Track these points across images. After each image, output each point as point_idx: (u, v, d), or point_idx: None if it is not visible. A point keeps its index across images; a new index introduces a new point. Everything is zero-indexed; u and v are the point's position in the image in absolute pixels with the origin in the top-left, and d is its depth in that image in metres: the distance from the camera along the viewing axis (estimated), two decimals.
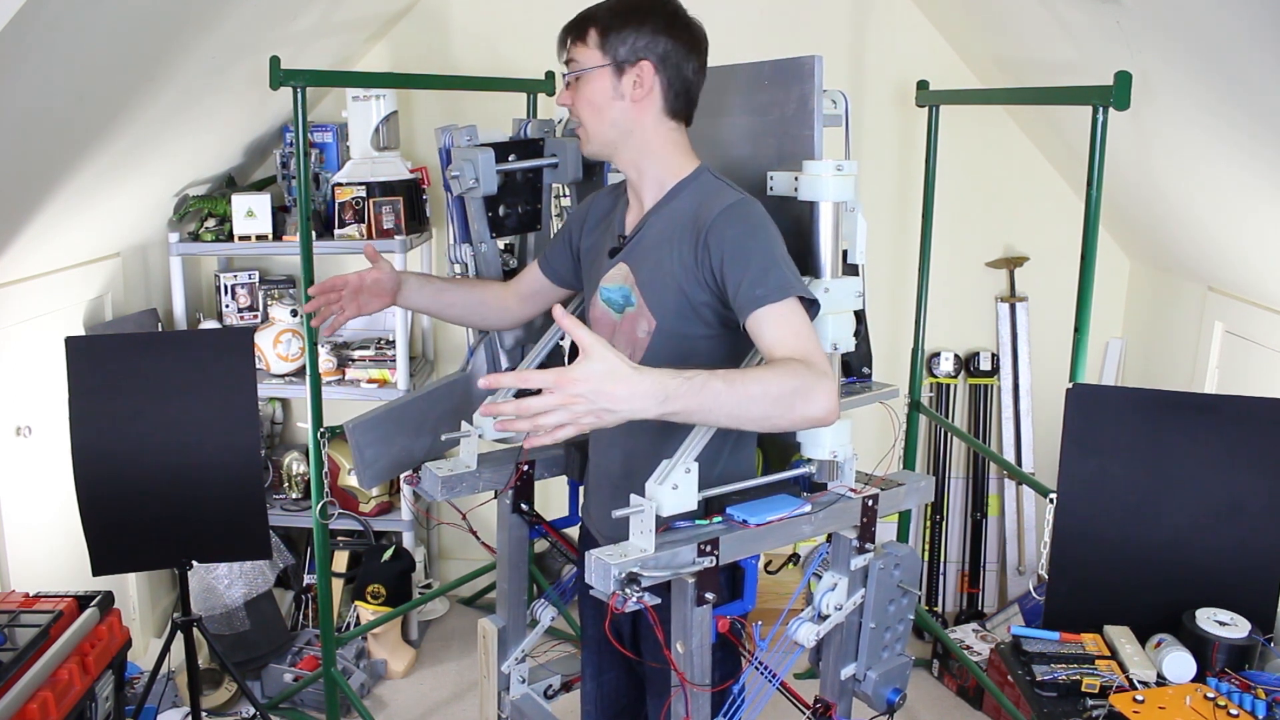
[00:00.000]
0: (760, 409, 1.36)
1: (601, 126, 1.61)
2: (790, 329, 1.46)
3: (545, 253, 1.91)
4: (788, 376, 1.38)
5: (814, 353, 1.44)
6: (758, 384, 1.36)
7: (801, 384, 1.38)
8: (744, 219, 1.53)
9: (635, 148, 1.62)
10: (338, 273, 1.91)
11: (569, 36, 1.62)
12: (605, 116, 1.60)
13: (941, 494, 3.58)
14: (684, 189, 1.63)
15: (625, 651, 1.79)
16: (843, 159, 1.61)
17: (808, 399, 1.38)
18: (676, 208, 1.62)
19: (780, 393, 1.37)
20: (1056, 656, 1.74)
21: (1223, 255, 2.62)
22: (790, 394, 1.37)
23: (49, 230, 2.51)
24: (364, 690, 3.14)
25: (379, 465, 1.97)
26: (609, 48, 1.58)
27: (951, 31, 3.29)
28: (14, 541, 2.54)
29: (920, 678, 3.26)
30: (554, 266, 1.88)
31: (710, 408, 1.33)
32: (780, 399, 1.37)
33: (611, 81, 1.58)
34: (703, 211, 1.56)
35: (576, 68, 1.60)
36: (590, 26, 1.59)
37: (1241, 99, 1.95)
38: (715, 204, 1.56)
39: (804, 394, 1.38)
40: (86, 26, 1.93)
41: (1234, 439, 1.83)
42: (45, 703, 1.80)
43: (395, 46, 3.46)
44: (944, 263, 3.30)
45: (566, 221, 1.90)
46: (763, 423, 1.40)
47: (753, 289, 1.47)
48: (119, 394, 2.28)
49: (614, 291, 1.68)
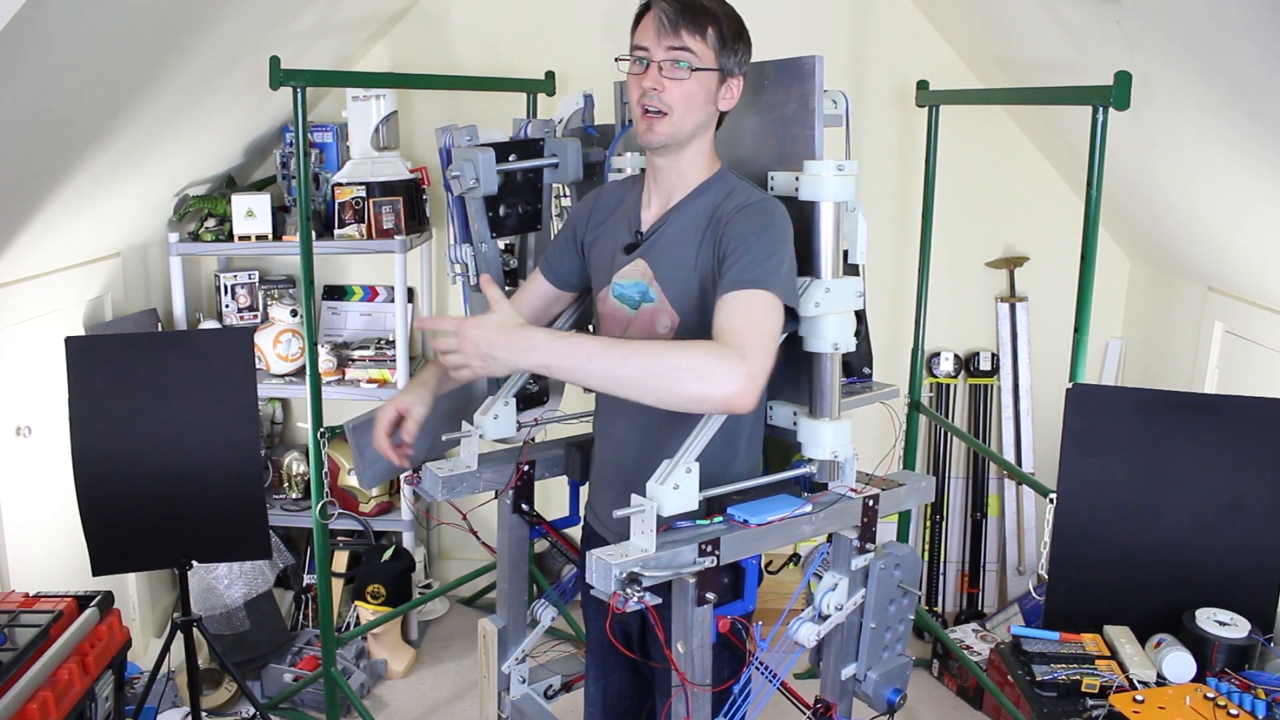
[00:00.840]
0: (640, 377, 1.38)
1: (688, 122, 1.60)
2: (742, 314, 1.45)
3: (546, 258, 1.88)
4: (684, 353, 1.38)
5: (746, 341, 1.40)
6: (646, 353, 1.39)
7: (698, 362, 1.36)
8: (761, 214, 1.55)
9: (695, 146, 1.64)
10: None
11: (685, 26, 1.56)
12: (697, 114, 1.60)
13: (941, 494, 3.58)
14: (708, 188, 1.65)
15: (628, 653, 1.79)
16: (843, 159, 1.61)
17: (702, 378, 1.36)
18: (698, 205, 1.64)
19: (667, 366, 1.37)
20: (1056, 656, 1.74)
21: (1223, 255, 2.62)
22: (680, 369, 1.36)
23: (49, 230, 2.51)
24: (364, 690, 3.14)
25: (379, 465, 1.97)
26: (724, 54, 1.59)
27: (951, 31, 3.29)
28: (14, 541, 2.54)
29: (920, 678, 3.26)
30: (557, 270, 1.86)
31: (582, 368, 1.40)
32: (666, 372, 1.37)
33: (715, 85, 1.60)
34: (724, 206, 1.59)
35: (693, 61, 1.57)
36: (710, 26, 1.57)
37: (1241, 99, 1.95)
38: (737, 200, 1.58)
39: (698, 372, 1.36)
40: (86, 26, 1.93)
41: (1234, 439, 1.83)
42: (45, 703, 1.80)
43: (395, 46, 3.46)
44: (944, 263, 3.31)
45: (569, 221, 1.89)
46: (646, 392, 1.39)
47: (739, 274, 1.48)
48: (119, 394, 2.28)
49: (629, 287, 1.68)
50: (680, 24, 1.56)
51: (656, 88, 1.57)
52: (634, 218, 1.72)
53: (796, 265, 1.56)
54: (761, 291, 1.46)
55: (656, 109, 1.57)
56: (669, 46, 1.56)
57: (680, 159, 1.64)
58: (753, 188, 1.64)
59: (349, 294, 3.58)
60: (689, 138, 1.62)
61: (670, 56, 1.56)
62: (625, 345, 1.43)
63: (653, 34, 1.57)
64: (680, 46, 1.56)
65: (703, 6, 1.58)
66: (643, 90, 1.58)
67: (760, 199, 1.58)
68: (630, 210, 1.74)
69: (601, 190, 1.86)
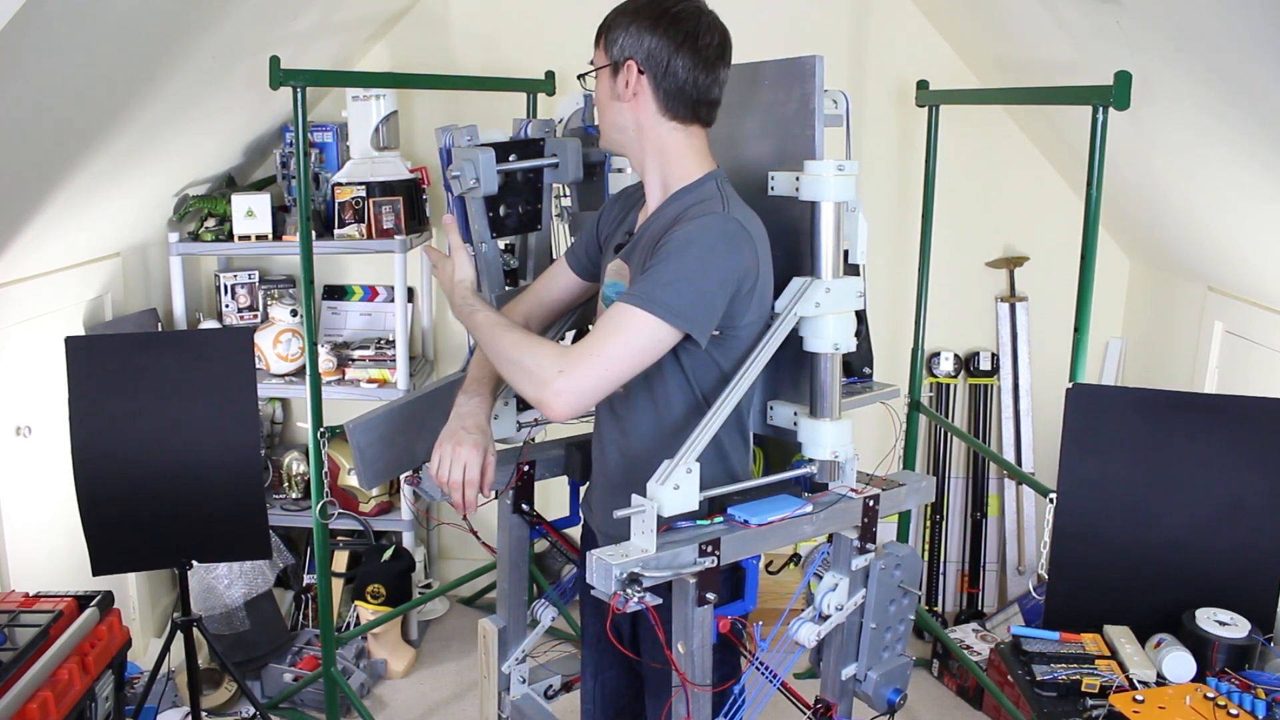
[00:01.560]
0: (498, 362, 1.55)
1: (605, 126, 1.64)
2: (600, 327, 1.49)
3: (572, 248, 1.89)
4: (526, 352, 1.50)
5: (580, 354, 1.45)
6: (503, 341, 1.54)
7: (534, 366, 1.47)
8: (692, 232, 1.49)
9: (640, 148, 1.62)
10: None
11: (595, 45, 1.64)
12: (607, 117, 1.62)
13: (941, 494, 3.58)
14: (685, 194, 1.60)
15: (625, 651, 1.79)
16: (843, 159, 1.61)
17: (532, 380, 1.47)
18: (668, 211, 1.61)
19: (512, 359, 1.51)
20: (1056, 656, 1.74)
21: (1223, 255, 2.62)
22: (516, 364, 1.50)
23: (49, 230, 2.51)
24: (364, 690, 3.14)
25: (379, 465, 1.97)
26: (608, 48, 1.59)
27: (951, 31, 3.29)
28: (14, 541, 2.54)
29: (920, 678, 3.26)
30: (581, 261, 1.85)
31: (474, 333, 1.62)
32: (510, 364, 1.51)
33: (609, 82, 1.60)
34: (681, 217, 1.55)
35: (590, 68, 1.63)
36: (602, 27, 1.61)
37: (1242, 99, 1.95)
38: (693, 213, 1.54)
39: (530, 375, 1.47)
40: (87, 26, 1.93)
41: (1234, 439, 1.83)
42: (45, 703, 1.80)
43: (395, 46, 3.46)
44: (944, 263, 3.31)
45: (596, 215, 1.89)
46: (505, 377, 1.56)
47: (633, 287, 1.51)
48: (119, 394, 2.28)
49: (611, 287, 1.70)
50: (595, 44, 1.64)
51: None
52: (632, 218, 1.73)
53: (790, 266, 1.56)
54: (636, 310, 1.45)
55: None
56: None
57: (644, 162, 1.64)
58: (719, 199, 1.56)
59: (349, 294, 3.58)
60: (626, 139, 1.63)
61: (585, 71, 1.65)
62: (497, 330, 1.56)
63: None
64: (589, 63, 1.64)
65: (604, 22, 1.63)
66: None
67: (703, 217, 1.51)
68: (634, 212, 1.74)
69: (624, 191, 1.88)
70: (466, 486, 1.64)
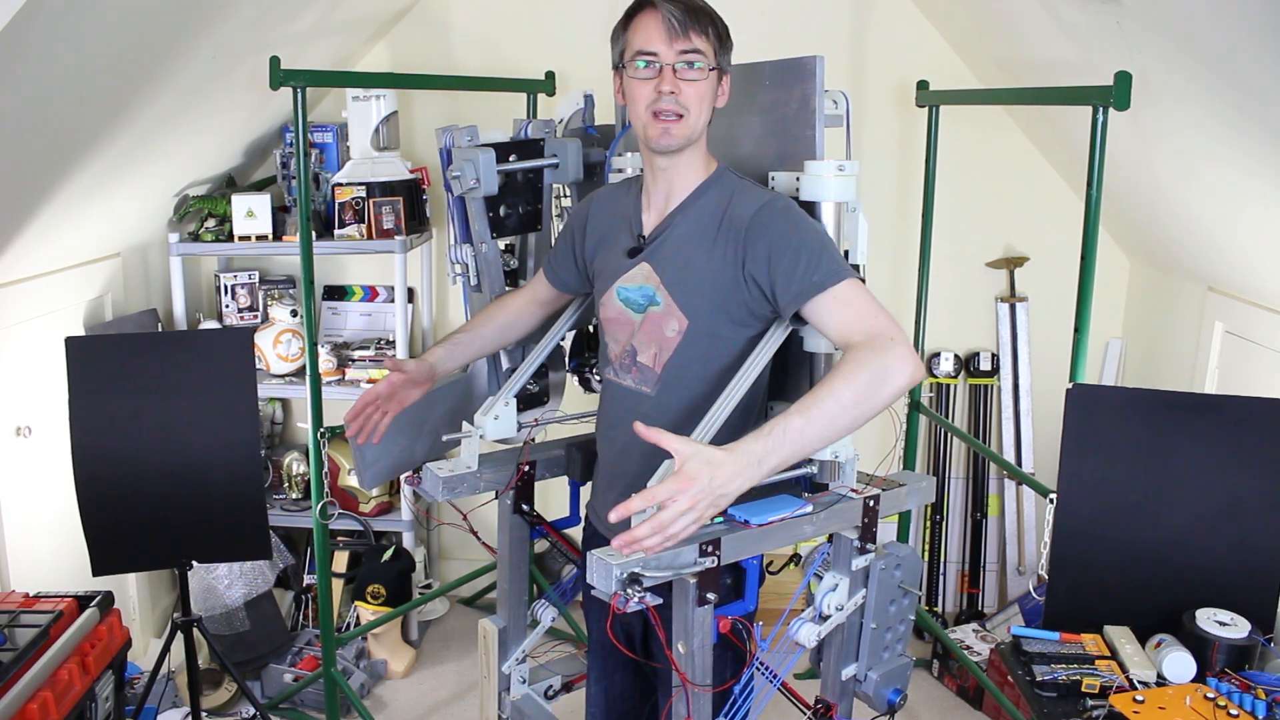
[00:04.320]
0: (848, 418, 1.39)
1: (702, 122, 1.62)
2: (852, 309, 1.50)
3: (549, 261, 1.91)
4: (856, 372, 1.40)
5: (881, 325, 1.47)
6: (832, 400, 1.38)
7: (872, 372, 1.40)
8: (783, 214, 1.57)
9: (696, 145, 1.65)
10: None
11: (692, 27, 1.56)
12: (706, 114, 1.62)
13: (941, 494, 3.58)
14: (709, 189, 1.65)
15: (628, 653, 1.79)
16: (844, 159, 1.61)
17: (885, 379, 1.40)
18: (702, 207, 1.64)
19: (857, 394, 1.39)
20: (1056, 656, 1.74)
21: (1223, 255, 2.62)
22: (866, 387, 1.39)
23: (49, 230, 2.51)
24: (364, 690, 3.14)
25: (379, 465, 1.97)
26: (721, 53, 1.61)
27: (951, 31, 3.30)
28: (14, 541, 2.54)
29: (920, 678, 3.26)
30: (560, 275, 1.89)
31: (802, 445, 1.37)
32: (860, 399, 1.39)
33: (717, 84, 1.62)
34: (734, 210, 1.59)
35: (704, 61, 1.58)
36: (710, 25, 1.59)
37: (1242, 99, 1.95)
38: (748, 202, 1.59)
39: (880, 377, 1.40)
40: (87, 26, 1.93)
41: (1234, 439, 1.83)
42: (45, 703, 1.80)
43: (395, 46, 3.46)
44: (944, 263, 3.31)
45: (566, 226, 1.90)
46: (859, 424, 1.42)
47: (807, 276, 1.51)
48: (119, 394, 2.28)
49: (633, 291, 1.69)
50: (689, 25, 1.56)
51: (674, 90, 1.57)
52: (635, 221, 1.72)
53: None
54: (850, 280, 1.52)
55: (675, 111, 1.57)
56: (681, 50, 1.57)
57: (682, 159, 1.64)
58: (753, 185, 1.65)
59: (349, 294, 3.58)
60: (700, 136, 1.63)
61: (684, 59, 1.57)
62: (818, 403, 1.38)
63: (661, 37, 1.56)
64: (692, 49, 1.57)
65: (701, 7, 1.59)
66: (657, 94, 1.57)
67: (768, 200, 1.60)
68: (630, 213, 1.74)
69: (596, 195, 1.87)
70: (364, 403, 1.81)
